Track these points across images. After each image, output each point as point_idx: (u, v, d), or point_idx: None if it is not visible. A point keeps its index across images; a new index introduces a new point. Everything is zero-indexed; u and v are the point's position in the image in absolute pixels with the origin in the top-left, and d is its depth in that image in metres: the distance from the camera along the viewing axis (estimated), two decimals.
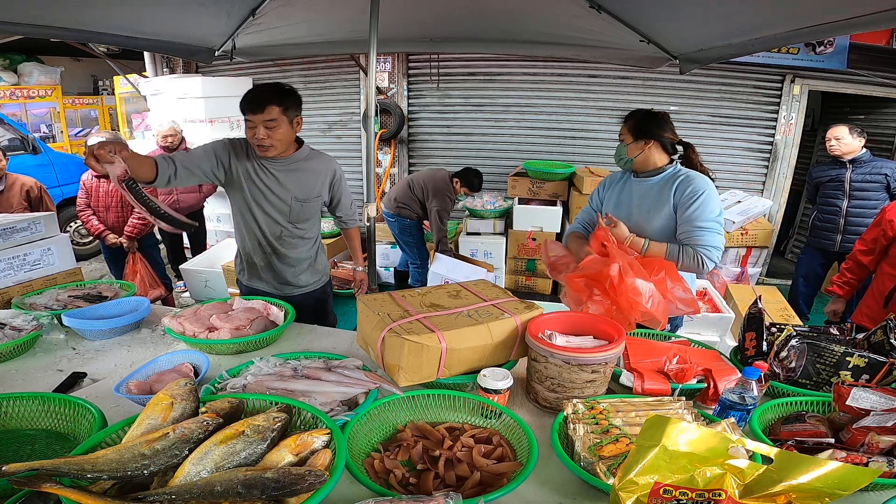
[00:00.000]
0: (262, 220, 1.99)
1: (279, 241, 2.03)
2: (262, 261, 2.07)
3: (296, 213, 2.00)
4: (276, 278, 2.10)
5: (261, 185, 1.92)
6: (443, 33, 3.09)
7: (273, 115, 1.77)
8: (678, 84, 4.72)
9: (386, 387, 1.32)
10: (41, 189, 3.33)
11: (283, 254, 2.06)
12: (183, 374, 1.41)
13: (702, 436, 0.81)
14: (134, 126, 5.97)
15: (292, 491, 0.85)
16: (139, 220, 3.49)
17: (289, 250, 2.06)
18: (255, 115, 1.77)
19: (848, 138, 3.29)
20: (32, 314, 1.70)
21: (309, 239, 2.11)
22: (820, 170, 3.60)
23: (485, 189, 4.87)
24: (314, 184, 2.00)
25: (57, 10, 1.99)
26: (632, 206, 1.89)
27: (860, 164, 3.34)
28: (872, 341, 1.42)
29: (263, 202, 1.95)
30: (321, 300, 2.26)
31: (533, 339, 1.30)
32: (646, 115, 1.85)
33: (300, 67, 5.52)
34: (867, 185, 3.33)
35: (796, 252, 5.64)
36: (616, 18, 2.35)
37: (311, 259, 2.15)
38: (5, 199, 3.15)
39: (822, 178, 3.53)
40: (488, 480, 1.02)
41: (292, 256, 2.07)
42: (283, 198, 1.95)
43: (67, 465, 0.88)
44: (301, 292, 2.14)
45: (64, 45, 7.01)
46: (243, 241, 2.08)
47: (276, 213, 1.98)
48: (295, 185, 1.95)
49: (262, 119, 1.77)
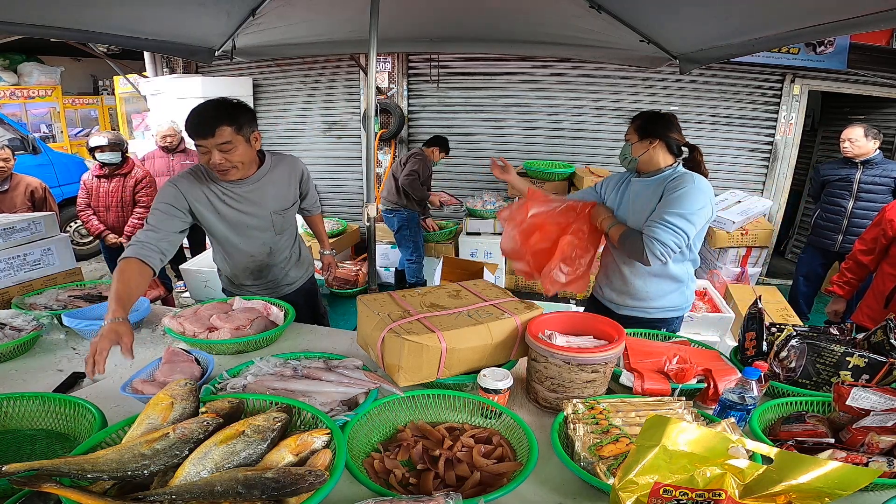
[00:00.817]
0: (245, 244, 1.88)
1: (269, 256, 1.95)
2: (249, 278, 2.00)
3: (279, 226, 1.91)
4: (265, 286, 2.04)
5: (235, 211, 1.78)
6: (443, 33, 3.09)
7: (226, 138, 1.59)
8: (678, 84, 4.72)
9: (386, 387, 1.32)
10: (45, 190, 3.34)
11: (272, 264, 1.99)
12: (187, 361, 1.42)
13: (702, 436, 0.81)
14: (134, 126, 5.98)
15: (292, 491, 0.85)
16: (139, 220, 3.49)
17: (276, 259, 1.99)
18: (205, 139, 1.58)
19: (862, 140, 3.24)
20: (32, 314, 1.70)
21: (290, 239, 2.04)
22: (829, 168, 3.54)
23: (485, 189, 4.88)
24: (287, 192, 1.89)
25: (57, 10, 1.99)
26: (629, 205, 1.86)
27: (871, 165, 3.29)
28: (872, 341, 1.42)
29: (243, 228, 1.83)
30: (311, 292, 2.22)
31: (533, 339, 1.30)
32: (653, 115, 1.82)
33: (300, 67, 5.52)
34: (875, 188, 3.29)
35: (796, 252, 5.64)
36: (616, 18, 2.35)
37: (296, 255, 2.10)
38: (9, 198, 3.15)
39: (831, 176, 3.47)
40: (488, 480, 1.02)
41: (279, 263, 2.01)
42: (261, 216, 1.84)
43: (67, 465, 0.87)
44: (291, 289, 2.10)
45: (64, 45, 7.01)
46: (227, 266, 1.98)
47: (260, 233, 1.87)
48: (270, 200, 1.83)
49: (215, 143, 1.59)
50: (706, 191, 1.70)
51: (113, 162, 3.39)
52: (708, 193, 1.70)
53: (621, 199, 1.91)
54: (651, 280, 1.84)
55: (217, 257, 2.03)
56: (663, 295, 1.86)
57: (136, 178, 3.50)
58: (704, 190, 1.69)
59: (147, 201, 3.52)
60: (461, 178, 5.43)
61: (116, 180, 3.46)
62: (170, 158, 3.98)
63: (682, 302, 1.91)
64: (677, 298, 1.88)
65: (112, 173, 3.45)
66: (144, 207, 3.51)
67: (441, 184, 5.48)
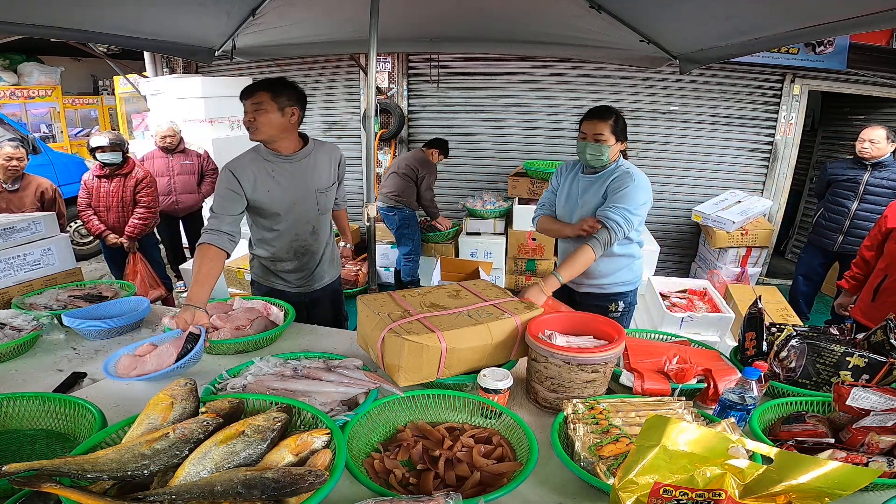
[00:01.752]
0: (293, 221, 1.97)
1: (313, 236, 2.04)
2: (292, 260, 2.06)
3: (323, 205, 2.02)
4: (300, 278, 2.09)
5: (283, 187, 1.91)
6: (443, 33, 3.09)
7: (261, 99, 1.80)
8: (678, 84, 4.71)
9: (386, 387, 1.32)
10: (55, 191, 3.35)
11: (314, 250, 2.07)
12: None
13: (702, 436, 0.82)
14: (134, 126, 5.97)
15: (292, 491, 0.85)
16: (140, 220, 3.49)
17: (317, 243, 2.07)
18: (245, 99, 1.83)
19: (883, 142, 3.17)
20: (32, 314, 1.70)
21: (328, 226, 2.13)
22: (836, 167, 3.47)
23: (485, 189, 4.88)
24: (329, 172, 2.02)
25: (57, 10, 1.99)
26: (578, 199, 2.02)
27: (881, 168, 3.23)
28: (872, 341, 1.42)
29: (291, 204, 1.94)
30: (337, 293, 2.30)
31: (533, 339, 1.30)
32: (619, 116, 1.94)
33: (300, 67, 5.52)
34: (881, 190, 3.24)
35: (796, 252, 5.63)
36: (616, 18, 2.35)
37: (331, 249, 2.18)
38: (18, 198, 3.16)
39: (838, 176, 3.41)
40: (488, 480, 1.02)
41: (318, 249, 2.08)
42: (307, 193, 1.96)
43: (67, 465, 0.88)
44: (321, 286, 2.16)
45: (64, 45, 7.00)
46: (270, 249, 2.03)
47: (305, 211, 1.98)
48: (313, 178, 1.96)
49: (251, 102, 1.81)
50: (645, 187, 1.90)
51: (114, 162, 3.39)
52: (647, 189, 1.90)
53: (569, 192, 2.07)
54: (601, 260, 1.97)
55: (257, 241, 2.07)
56: (613, 272, 2.05)
57: (137, 178, 3.49)
58: (644, 187, 1.89)
59: (148, 201, 3.51)
60: (461, 178, 5.43)
61: (117, 180, 3.46)
62: (169, 159, 3.98)
63: (632, 277, 2.10)
64: (627, 274, 2.08)
65: (113, 173, 3.44)
66: (145, 207, 3.51)
67: (441, 184, 5.47)
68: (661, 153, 4.87)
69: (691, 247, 5.09)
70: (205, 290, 1.64)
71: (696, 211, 4.55)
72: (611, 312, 2.09)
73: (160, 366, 1.39)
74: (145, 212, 3.51)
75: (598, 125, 1.90)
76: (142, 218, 3.50)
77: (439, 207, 4.51)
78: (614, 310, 2.10)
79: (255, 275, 2.15)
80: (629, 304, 2.12)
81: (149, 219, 3.53)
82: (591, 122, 1.92)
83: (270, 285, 2.10)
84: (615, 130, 1.91)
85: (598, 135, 1.90)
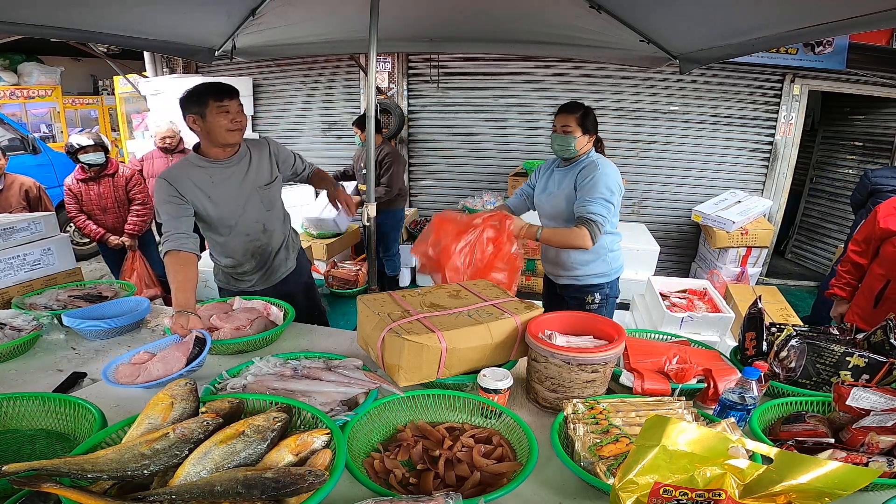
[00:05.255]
0: (240, 224, 1.96)
1: (265, 234, 2.03)
2: (251, 261, 2.06)
3: (267, 201, 2.00)
4: (263, 275, 2.10)
5: (224, 190, 1.90)
6: (443, 33, 3.09)
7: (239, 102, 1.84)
8: (678, 84, 4.71)
9: (386, 387, 1.32)
10: (40, 189, 3.33)
11: (270, 247, 2.07)
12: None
13: (702, 436, 0.81)
14: (134, 126, 5.97)
15: (292, 491, 0.85)
16: (138, 217, 3.49)
17: (271, 239, 2.06)
18: (232, 99, 1.81)
19: None
20: (32, 314, 1.70)
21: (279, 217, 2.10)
22: (883, 176, 3.19)
23: (485, 189, 4.88)
24: (267, 167, 2.00)
25: (57, 10, 1.99)
26: (553, 191, 2.12)
27: None
28: (872, 341, 1.42)
29: (234, 206, 1.93)
30: (309, 286, 2.30)
31: (533, 339, 1.30)
32: (589, 111, 2.03)
33: (300, 67, 5.52)
34: None
35: (796, 252, 5.65)
36: (616, 18, 2.35)
37: (292, 237, 2.19)
38: (4, 198, 3.15)
39: (885, 186, 3.09)
40: (488, 480, 1.02)
41: (273, 245, 2.08)
42: (248, 192, 1.94)
43: (67, 465, 0.88)
44: (286, 273, 2.16)
45: (64, 45, 7.00)
46: (226, 254, 2.05)
47: (251, 210, 1.96)
48: (253, 176, 1.95)
49: (237, 104, 1.82)
50: (612, 174, 1.96)
51: (98, 163, 3.35)
52: (614, 176, 1.96)
53: (546, 184, 2.18)
54: (572, 252, 2.09)
55: (214, 251, 2.08)
56: (585, 264, 2.12)
57: (126, 176, 3.49)
58: (610, 174, 1.95)
59: (142, 197, 3.52)
60: (461, 177, 5.43)
61: (105, 181, 3.42)
62: (168, 159, 3.98)
63: (607, 269, 2.14)
64: (601, 266, 2.13)
65: (98, 175, 3.41)
66: (141, 204, 3.51)
67: (441, 183, 5.49)
68: (662, 153, 4.87)
69: (691, 247, 5.09)
70: (189, 296, 1.65)
71: (696, 211, 4.56)
72: (588, 304, 2.16)
73: (168, 371, 1.38)
74: (141, 208, 3.52)
75: (565, 118, 2.01)
76: (139, 215, 3.51)
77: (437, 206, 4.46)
78: (591, 301, 2.16)
79: (219, 281, 2.18)
80: (606, 297, 2.17)
81: (146, 215, 3.55)
82: (561, 115, 2.03)
83: (236, 288, 2.11)
84: (581, 123, 2.00)
85: (566, 126, 2.01)
